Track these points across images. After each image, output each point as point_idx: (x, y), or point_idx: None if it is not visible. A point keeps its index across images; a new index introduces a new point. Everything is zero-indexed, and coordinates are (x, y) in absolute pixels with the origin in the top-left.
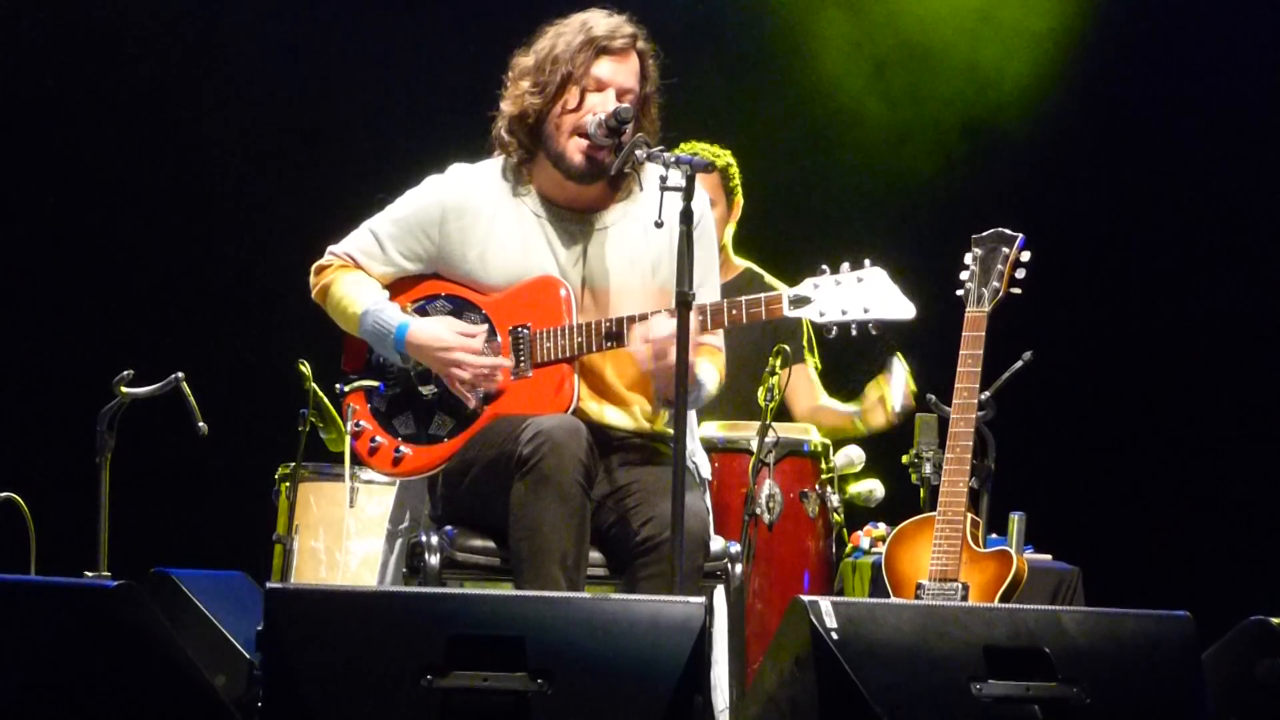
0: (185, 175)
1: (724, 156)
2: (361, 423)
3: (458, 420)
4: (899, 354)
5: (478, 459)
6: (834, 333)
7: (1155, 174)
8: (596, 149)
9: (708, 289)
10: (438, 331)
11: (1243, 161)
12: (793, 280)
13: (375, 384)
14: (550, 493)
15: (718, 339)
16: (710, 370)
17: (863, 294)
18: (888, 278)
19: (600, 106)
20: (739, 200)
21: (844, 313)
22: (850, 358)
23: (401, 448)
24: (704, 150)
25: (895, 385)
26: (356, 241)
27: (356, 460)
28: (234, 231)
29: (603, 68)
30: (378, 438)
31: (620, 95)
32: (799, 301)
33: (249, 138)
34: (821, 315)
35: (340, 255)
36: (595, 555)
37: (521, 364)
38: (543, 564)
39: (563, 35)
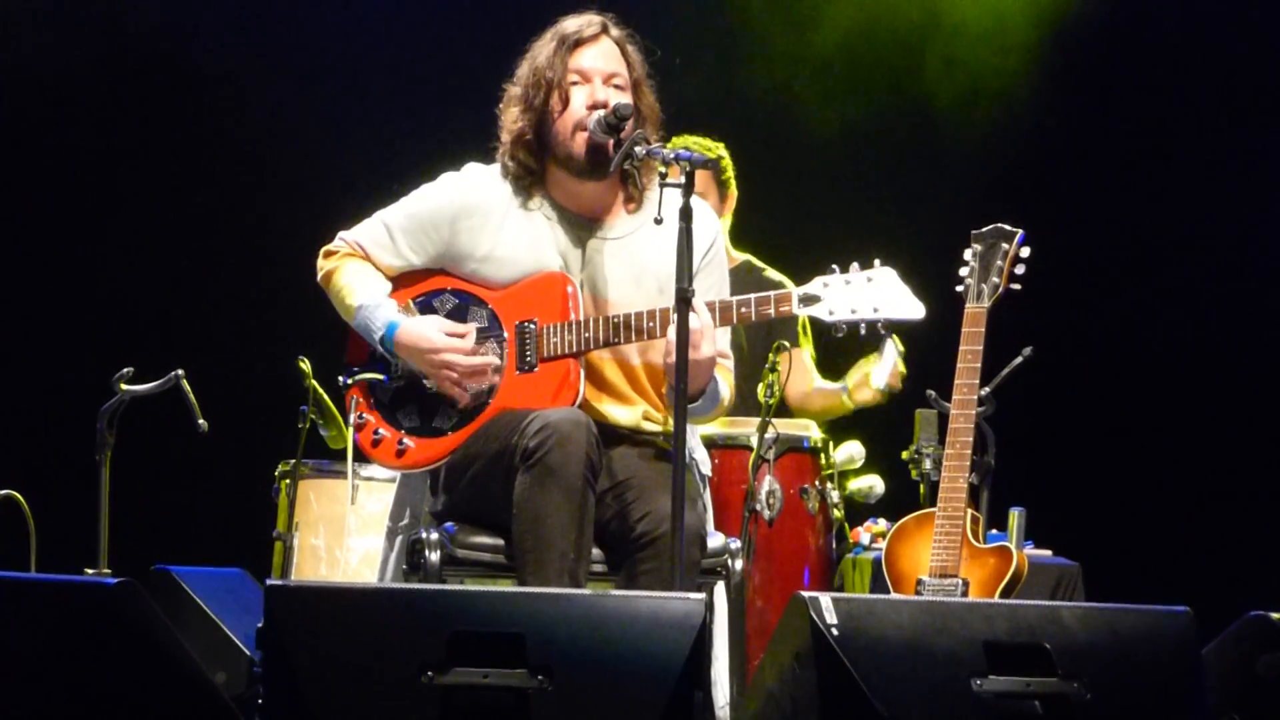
0: (185, 172)
1: (716, 149)
2: (364, 415)
3: (462, 413)
4: (895, 337)
5: (482, 452)
6: (843, 332)
7: (1155, 169)
8: (597, 144)
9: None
10: (426, 332)
11: (1244, 155)
12: (790, 272)
13: (379, 377)
14: (555, 485)
15: (728, 360)
16: (723, 384)
17: (872, 293)
18: (897, 277)
19: (590, 97)
20: (733, 192)
21: (853, 312)
22: (845, 340)
23: (405, 440)
24: (696, 144)
25: (884, 362)
26: (368, 231)
27: (359, 453)
28: (234, 229)
29: (580, 58)
30: (381, 430)
31: (606, 80)
32: (808, 300)
33: (249, 134)
34: (831, 314)
35: (350, 243)
36: (594, 551)
37: (527, 358)
38: (546, 557)
39: (538, 50)
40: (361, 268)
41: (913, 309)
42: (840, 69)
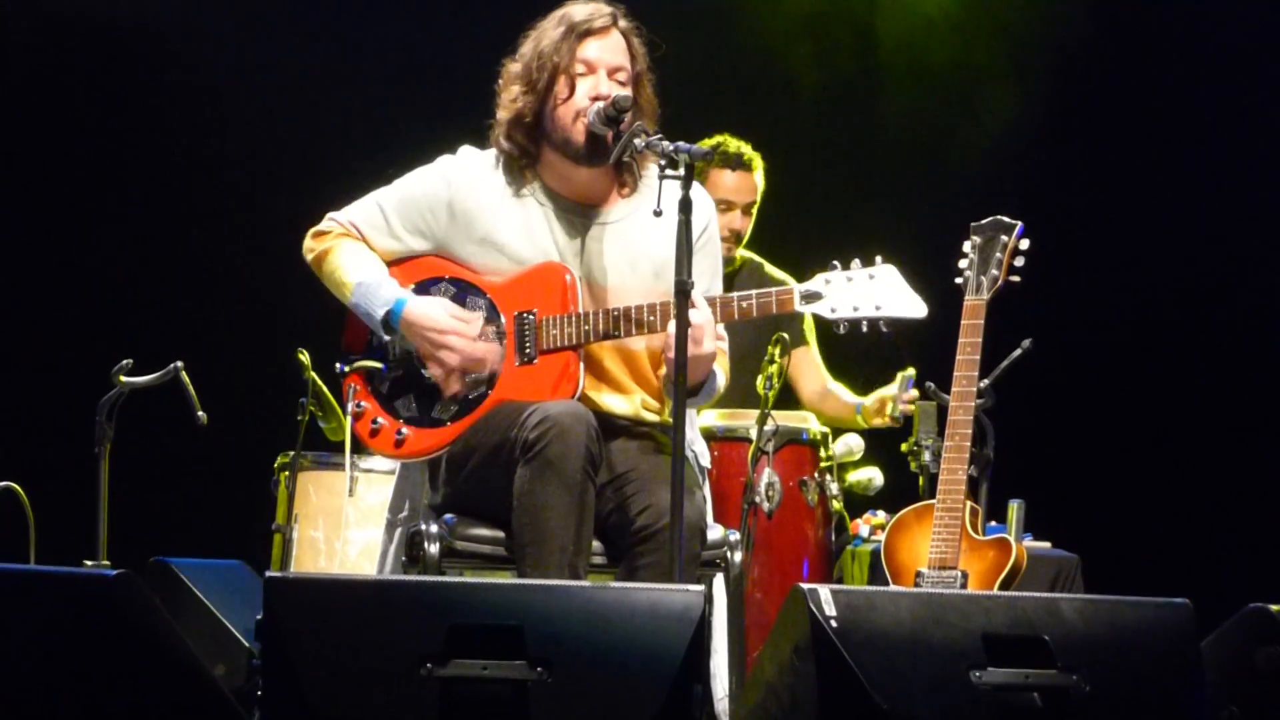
0: (183, 163)
1: (757, 158)
2: (363, 403)
3: (461, 404)
4: (911, 369)
5: (481, 444)
6: (844, 329)
7: (1154, 160)
8: (596, 134)
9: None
10: (432, 312)
11: (1243, 150)
12: (791, 270)
13: (377, 365)
14: (554, 478)
15: (723, 341)
16: (719, 372)
17: (874, 291)
18: (899, 275)
19: (594, 89)
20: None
21: (855, 309)
22: (859, 350)
23: (403, 429)
24: (746, 148)
25: (900, 394)
26: (361, 212)
27: (357, 442)
28: (233, 220)
29: (588, 49)
30: (379, 419)
31: (611, 74)
32: (810, 297)
33: (247, 124)
34: (833, 311)
35: (342, 223)
36: (594, 544)
37: (526, 350)
38: (545, 550)
39: (545, 32)
40: (358, 247)
41: (915, 307)
42: (842, 66)
